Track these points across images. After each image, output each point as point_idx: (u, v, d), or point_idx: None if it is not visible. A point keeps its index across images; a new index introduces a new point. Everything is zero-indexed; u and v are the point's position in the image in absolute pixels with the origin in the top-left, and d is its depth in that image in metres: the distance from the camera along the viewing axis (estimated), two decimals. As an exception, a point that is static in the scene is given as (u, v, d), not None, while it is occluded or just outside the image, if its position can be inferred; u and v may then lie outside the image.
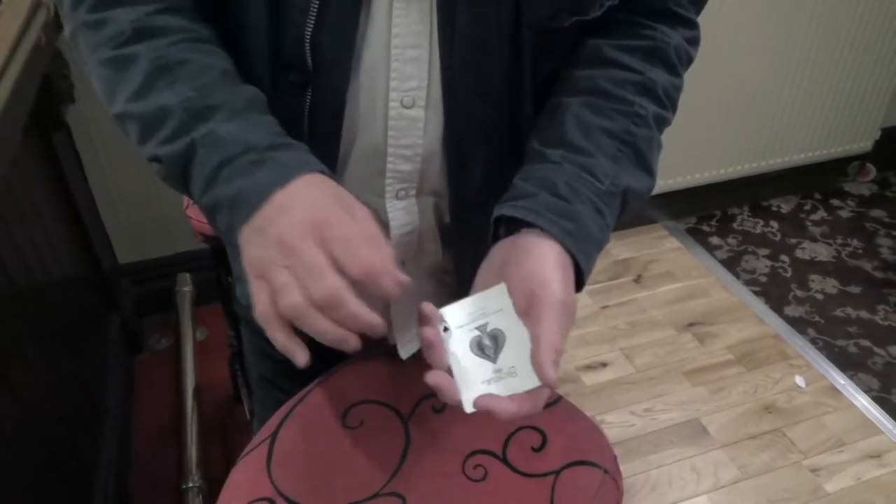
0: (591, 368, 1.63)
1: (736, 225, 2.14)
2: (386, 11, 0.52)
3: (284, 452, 0.57)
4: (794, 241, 2.08)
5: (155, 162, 0.51)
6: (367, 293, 0.45)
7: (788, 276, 1.95)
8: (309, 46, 0.52)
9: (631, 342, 1.70)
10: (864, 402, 1.55)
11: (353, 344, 0.44)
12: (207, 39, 0.53)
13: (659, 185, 1.94)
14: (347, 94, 0.54)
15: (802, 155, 2.08)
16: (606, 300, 1.82)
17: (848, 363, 1.66)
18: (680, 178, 1.96)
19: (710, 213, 2.17)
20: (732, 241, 2.08)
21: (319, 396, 0.62)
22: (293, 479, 0.55)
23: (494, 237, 0.54)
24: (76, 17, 0.53)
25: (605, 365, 1.64)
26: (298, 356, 0.44)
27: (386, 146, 0.57)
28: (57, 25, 1.09)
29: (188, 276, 1.63)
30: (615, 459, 0.60)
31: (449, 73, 0.54)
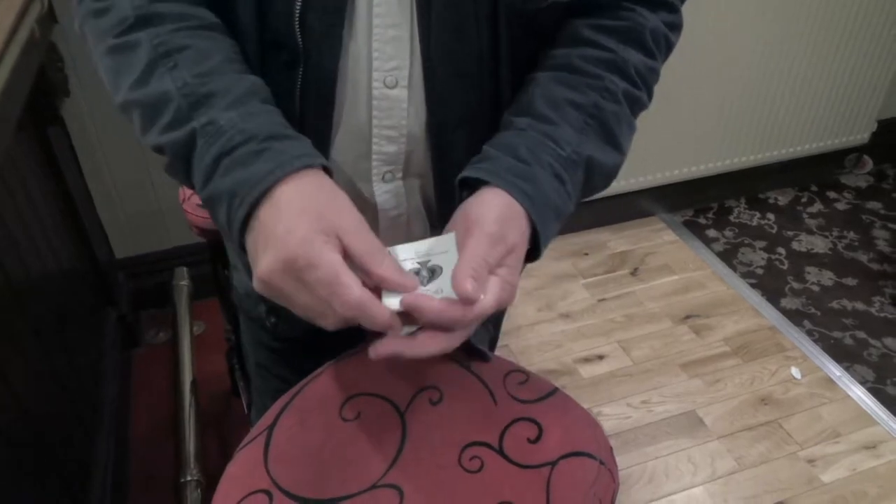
0: (587, 361, 1.63)
1: (733, 217, 2.15)
2: None
3: (281, 445, 0.58)
4: (790, 233, 2.09)
5: (159, 152, 0.51)
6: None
7: (785, 268, 1.95)
8: (298, 24, 0.52)
9: (628, 334, 1.70)
10: (859, 393, 1.56)
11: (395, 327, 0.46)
12: (212, 26, 0.53)
13: (656, 177, 1.95)
14: (337, 72, 0.54)
15: (799, 147, 2.08)
16: (603, 293, 1.83)
17: (844, 355, 1.67)
18: (677, 170, 1.96)
19: (706, 205, 2.18)
20: (729, 233, 2.08)
21: (316, 389, 0.62)
22: (290, 471, 0.55)
23: (460, 199, 0.55)
24: (83, 5, 0.53)
25: (601, 357, 1.64)
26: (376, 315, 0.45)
27: (371, 127, 0.58)
28: (51, 18, 1.08)
29: (185, 270, 1.62)
30: (611, 451, 0.60)
31: (427, 54, 0.54)
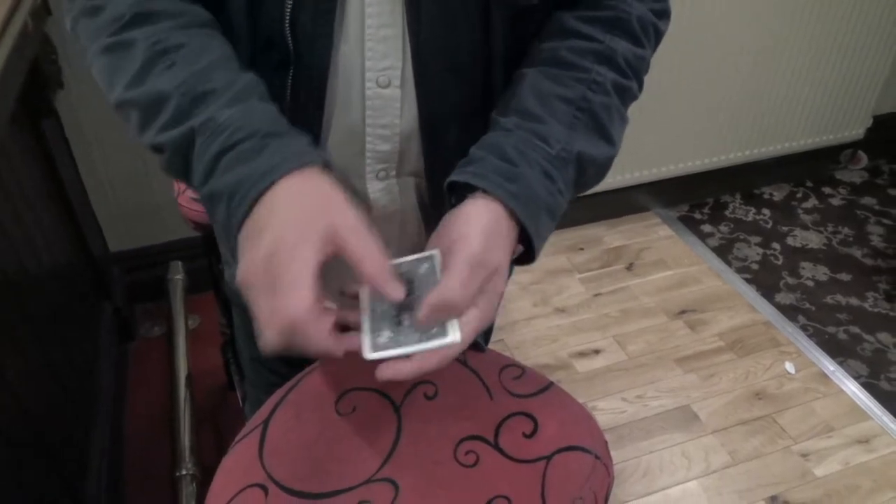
0: (583, 355, 1.64)
1: (728, 213, 2.15)
2: None
3: (277, 439, 0.58)
4: (785, 228, 2.09)
5: (157, 151, 0.51)
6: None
7: (779, 263, 1.96)
8: (289, 25, 0.51)
9: (623, 329, 1.71)
10: (853, 388, 1.57)
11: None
12: (207, 23, 0.53)
13: (651, 172, 1.95)
14: (329, 72, 0.54)
15: (794, 143, 2.09)
16: (598, 288, 1.83)
17: (838, 350, 1.68)
18: (672, 165, 1.96)
19: (702, 200, 2.18)
20: (724, 228, 2.08)
21: (312, 383, 0.62)
22: (285, 465, 0.55)
23: (450, 205, 0.54)
24: (77, 4, 0.52)
25: (597, 352, 1.65)
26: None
27: (364, 126, 0.57)
28: (45, 10, 1.07)
29: (180, 264, 1.62)
30: (606, 445, 0.60)
31: (418, 51, 0.54)
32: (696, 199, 2.17)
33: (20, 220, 1.09)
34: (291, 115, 0.55)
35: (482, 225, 0.49)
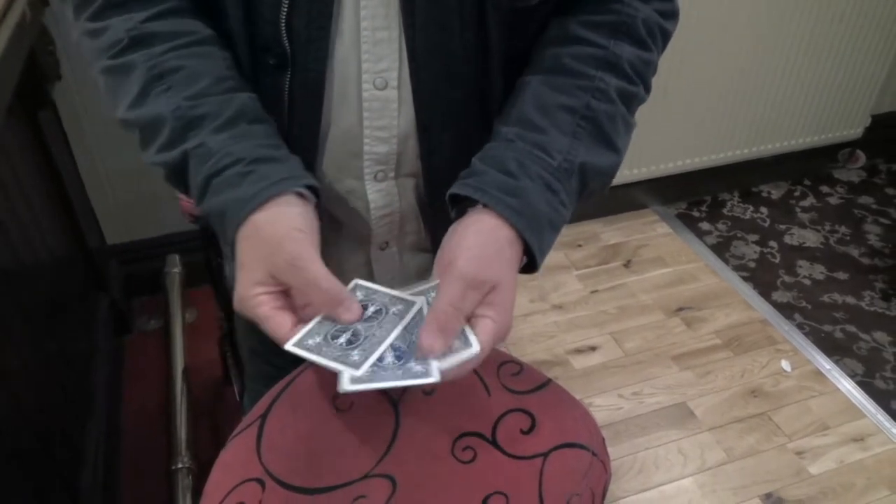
0: (580, 352, 1.64)
1: (726, 211, 2.15)
2: None
3: (274, 434, 0.58)
4: (783, 227, 2.10)
5: (158, 167, 0.53)
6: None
7: (777, 261, 1.96)
8: (284, 28, 0.52)
9: (620, 326, 1.71)
10: (848, 386, 1.58)
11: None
12: (204, 41, 0.53)
13: (650, 170, 1.95)
14: (325, 75, 0.54)
15: (793, 141, 2.09)
16: (596, 285, 1.83)
17: (833, 348, 1.68)
18: (671, 163, 1.96)
19: (700, 198, 2.18)
20: (722, 226, 2.08)
21: (310, 378, 0.62)
22: (283, 460, 0.55)
23: (452, 216, 0.54)
24: (79, 25, 0.54)
25: (594, 349, 1.65)
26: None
27: (362, 128, 0.57)
28: (42, 1, 1.07)
29: (177, 257, 1.62)
30: (603, 442, 0.60)
31: (413, 54, 0.54)
32: (694, 196, 2.17)
33: (16, 212, 1.09)
34: (289, 117, 0.56)
35: (476, 244, 0.49)
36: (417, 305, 0.51)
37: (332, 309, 0.47)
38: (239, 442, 0.58)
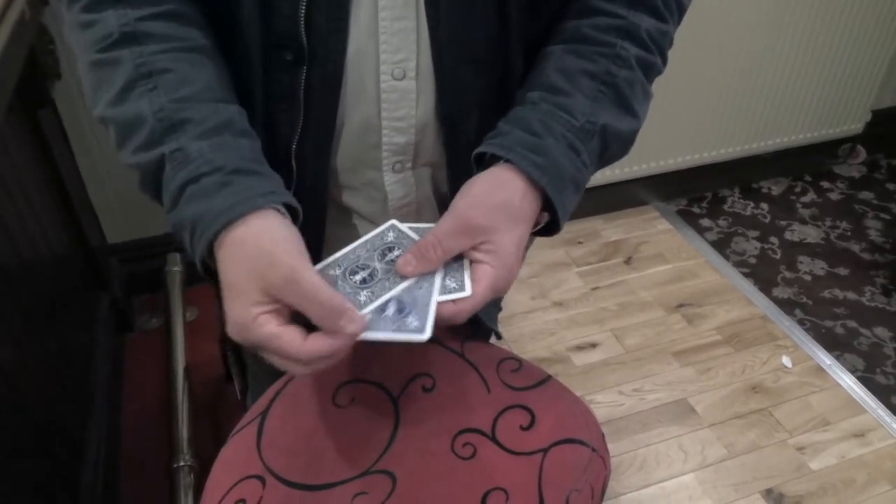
0: (580, 349, 1.64)
1: (726, 207, 2.15)
2: None
3: (274, 431, 0.58)
4: (783, 223, 2.09)
5: (132, 169, 0.52)
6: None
7: (777, 257, 1.96)
8: (304, 24, 0.51)
9: (620, 323, 1.71)
10: (849, 382, 1.58)
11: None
12: (200, 49, 0.52)
13: (650, 166, 1.95)
14: (343, 67, 0.54)
15: (793, 137, 2.09)
16: (597, 281, 1.83)
17: (834, 344, 1.68)
18: (671, 159, 1.96)
19: (700, 194, 2.18)
20: (723, 222, 2.08)
21: (310, 375, 0.62)
22: (283, 457, 0.56)
23: None
24: (71, 15, 0.53)
25: (594, 345, 1.65)
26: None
27: (380, 119, 0.57)
28: None
29: (178, 255, 1.62)
30: (603, 438, 0.60)
31: (437, 43, 0.54)
32: (694, 192, 2.17)
33: (17, 210, 1.09)
34: (305, 112, 0.55)
35: (481, 192, 0.51)
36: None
37: (333, 323, 0.45)
38: (239, 439, 0.58)
